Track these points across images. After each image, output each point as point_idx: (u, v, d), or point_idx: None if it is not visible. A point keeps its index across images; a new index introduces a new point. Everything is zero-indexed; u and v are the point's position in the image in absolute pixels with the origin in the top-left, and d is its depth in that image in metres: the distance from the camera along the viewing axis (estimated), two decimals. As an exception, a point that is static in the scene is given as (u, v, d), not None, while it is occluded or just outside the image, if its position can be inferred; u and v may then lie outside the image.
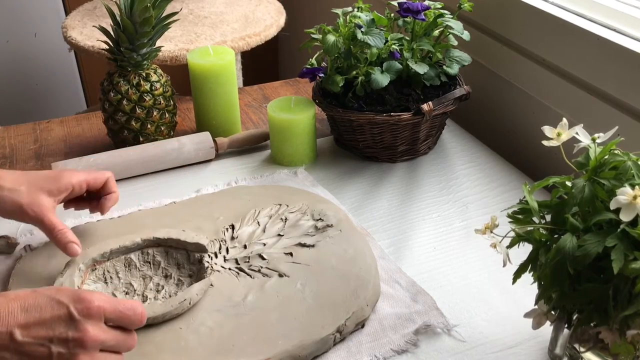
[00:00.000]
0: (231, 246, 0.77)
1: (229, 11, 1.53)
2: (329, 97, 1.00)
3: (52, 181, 0.73)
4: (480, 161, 1.00)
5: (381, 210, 0.90)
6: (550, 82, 0.96)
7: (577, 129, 0.60)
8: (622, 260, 0.52)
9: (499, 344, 0.69)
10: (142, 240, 0.75)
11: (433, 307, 0.72)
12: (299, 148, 0.98)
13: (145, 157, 0.96)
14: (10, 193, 0.71)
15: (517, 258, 0.60)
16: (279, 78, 1.35)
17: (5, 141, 1.08)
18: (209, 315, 0.68)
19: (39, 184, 0.72)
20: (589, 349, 0.61)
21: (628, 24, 0.88)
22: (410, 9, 0.95)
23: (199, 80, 1.03)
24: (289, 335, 0.66)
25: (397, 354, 0.67)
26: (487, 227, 0.61)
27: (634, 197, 0.52)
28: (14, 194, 0.71)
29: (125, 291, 0.72)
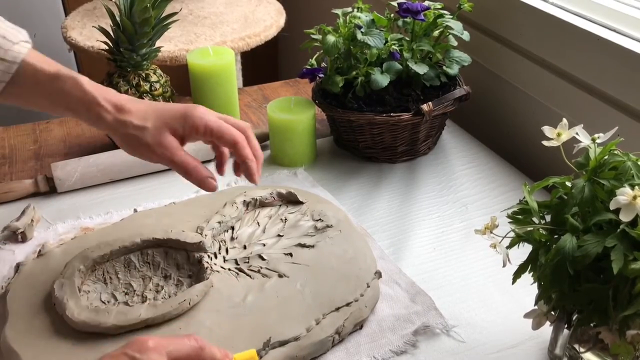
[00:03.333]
0: (231, 247, 0.77)
1: (229, 11, 1.53)
2: (329, 97, 1.00)
3: (179, 120, 0.68)
4: (480, 161, 1.00)
5: (381, 211, 0.90)
6: (550, 83, 0.96)
7: (577, 129, 0.60)
8: (621, 260, 0.52)
9: (499, 345, 0.69)
10: (142, 241, 0.75)
11: (432, 308, 0.72)
12: (299, 148, 0.98)
13: (145, 158, 0.96)
14: (136, 131, 0.67)
15: (516, 258, 0.60)
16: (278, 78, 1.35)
17: (5, 141, 1.08)
18: (209, 316, 0.68)
19: (166, 121, 0.68)
20: (589, 350, 0.61)
21: (628, 25, 0.88)
22: (409, 10, 0.95)
23: (198, 81, 1.03)
24: (288, 336, 0.66)
25: (396, 354, 0.67)
26: (487, 228, 0.61)
27: (634, 197, 0.52)
28: (140, 132, 0.67)
29: (125, 291, 0.72)
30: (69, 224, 0.86)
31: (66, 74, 0.68)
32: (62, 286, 0.68)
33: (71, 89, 0.67)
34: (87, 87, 0.67)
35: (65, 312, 0.66)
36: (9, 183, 0.92)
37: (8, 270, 0.78)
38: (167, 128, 0.68)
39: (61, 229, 0.85)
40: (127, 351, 0.50)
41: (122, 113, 0.68)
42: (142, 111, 0.68)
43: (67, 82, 0.67)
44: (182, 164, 0.68)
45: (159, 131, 0.67)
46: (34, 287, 0.71)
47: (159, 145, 0.67)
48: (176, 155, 0.68)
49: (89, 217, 0.88)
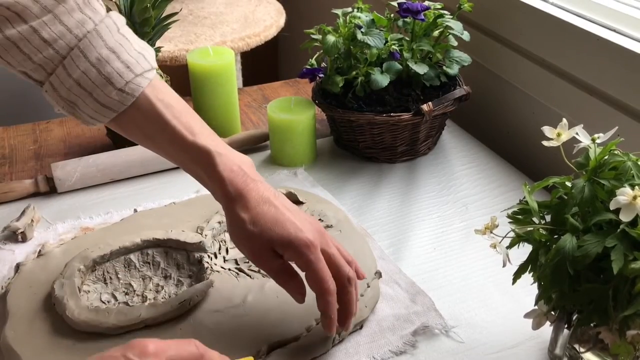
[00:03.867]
0: (231, 247, 0.77)
1: (229, 11, 1.53)
2: (329, 97, 1.00)
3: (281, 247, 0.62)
4: (480, 162, 1.00)
5: (381, 211, 0.90)
6: (550, 83, 0.96)
7: (577, 129, 0.60)
8: (621, 260, 0.52)
9: (499, 345, 0.69)
10: (142, 241, 0.75)
11: (431, 308, 0.72)
12: (299, 148, 0.98)
13: (145, 158, 0.96)
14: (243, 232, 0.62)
15: (517, 258, 0.60)
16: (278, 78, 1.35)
17: (5, 141, 1.08)
18: (209, 316, 0.68)
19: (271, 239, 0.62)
20: (589, 350, 0.61)
21: (628, 25, 0.88)
22: (410, 10, 0.95)
23: (198, 81, 1.03)
24: (288, 336, 0.66)
25: (396, 355, 0.67)
26: (487, 228, 0.61)
27: (634, 197, 0.52)
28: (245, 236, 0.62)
29: (125, 291, 0.72)
30: (69, 224, 0.86)
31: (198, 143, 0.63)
32: (62, 286, 0.68)
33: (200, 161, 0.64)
34: (219, 167, 0.63)
35: (65, 312, 0.66)
36: (9, 183, 0.92)
37: (8, 270, 0.78)
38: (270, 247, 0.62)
39: (61, 229, 0.85)
40: (127, 354, 0.48)
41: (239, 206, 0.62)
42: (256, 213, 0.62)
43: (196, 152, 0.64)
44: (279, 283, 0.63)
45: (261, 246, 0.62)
46: (34, 287, 0.71)
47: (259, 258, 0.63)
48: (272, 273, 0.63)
49: (89, 217, 0.88)
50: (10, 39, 0.61)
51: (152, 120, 0.64)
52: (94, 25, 0.63)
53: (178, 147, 0.64)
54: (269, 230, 0.61)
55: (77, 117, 0.66)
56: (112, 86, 0.63)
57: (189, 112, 0.66)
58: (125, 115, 0.65)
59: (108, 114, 0.64)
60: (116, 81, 0.63)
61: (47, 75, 0.64)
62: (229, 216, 0.63)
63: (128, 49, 0.64)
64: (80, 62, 0.62)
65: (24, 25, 0.61)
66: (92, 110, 0.64)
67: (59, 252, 0.76)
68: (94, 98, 0.63)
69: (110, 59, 0.63)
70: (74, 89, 0.63)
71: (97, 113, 0.64)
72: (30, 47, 0.61)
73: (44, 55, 0.62)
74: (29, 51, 0.62)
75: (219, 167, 0.63)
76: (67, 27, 0.62)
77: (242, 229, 0.62)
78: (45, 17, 0.61)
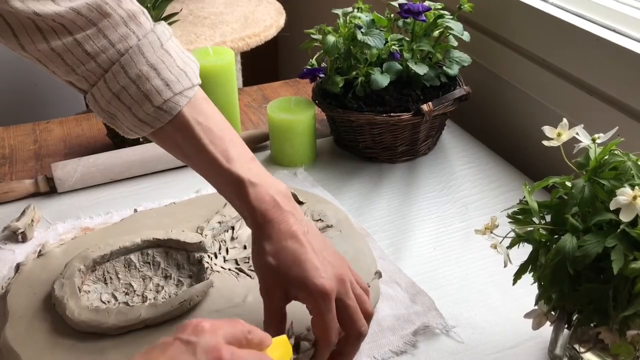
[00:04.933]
0: (231, 247, 0.77)
1: (229, 12, 1.53)
2: (329, 97, 1.00)
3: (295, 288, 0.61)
4: (480, 162, 1.00)
5: (381, 211, 0.90)
6: (550, 83, 0.96)
7: (577, 129, 0.60)
8: (622, 260, 0.52)
9: (499, 345, 0.69)
10: (142, 241, 0.75)
11: (432, 308, 0.72)
12: (299, 148, 0.98)
13: (145, 158, 0.96)
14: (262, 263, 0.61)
15: (517, 259, 0.60)
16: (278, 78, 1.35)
17: (5, 141, 1.08)
18: (209, 316, 0.68)
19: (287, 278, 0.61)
20: (589, 350, 0.61)
21: (628, 25, 0.88)
22: (410, 10, 0.95)
23: (198, 81, 1.03)
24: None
25: (396, 354, 0.67)
26: (487, 228, 0.61)
27: (634, 197, 0.52)
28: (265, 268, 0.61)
29: (125, 292, 0.72)
30: (69, 224, 0.86)
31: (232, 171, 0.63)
32: (62, 286, 0.68)
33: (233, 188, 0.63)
34: (251, 197, 0.62)
35: (65, 312, 0.66)
36: (9, 183, 0.92)
37: (8, 270, 0.78)
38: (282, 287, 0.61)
39: (61, 229, 0.85)
40: (181, 336, 0.47)
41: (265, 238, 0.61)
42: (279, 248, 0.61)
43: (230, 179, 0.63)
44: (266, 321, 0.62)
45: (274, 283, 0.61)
46: (34, 287, 0.71)
47: (267, 292, 0.62)
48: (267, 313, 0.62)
49: (89, 217, 0.88)
50: (55, 50, 0.61)
51: (189, 141, 0.64)
52: (137, 41, 0.63)
53: (213, 171, 0.65)
54: (287, 269, 0.60)
55: (117, 127, 0.67)
56: (150, 103, 0.63)
57: (227, 135, 0.66)
58: (164, 132, 0.65)
59: (145, 129, 0.65)
60: (154, 99, 0.63)
61: (90, 86, 0.65)
62: (253, 243, 0.63)
63: (170, 66, 0.64)
64: (120, 77, 0.62)
65: (69, 37, 0.61)
66: (130, 124, 0.65)
67: (59, 252, 0.76)
68: (132, 113, 0.64)
69: (150, 76, 0.63)
70: (114, 102, 0.64)
71: (135, 127, 0.65)
72: (74, 59, 0.62)
73: (87, 68, 0.63)
74: (72, 63, 0.62)
75: (251, 196, 0.62)
76: (111, 42, 0.62)
77: (263, 259, 0.61)
78: (90, 31, 0.61)
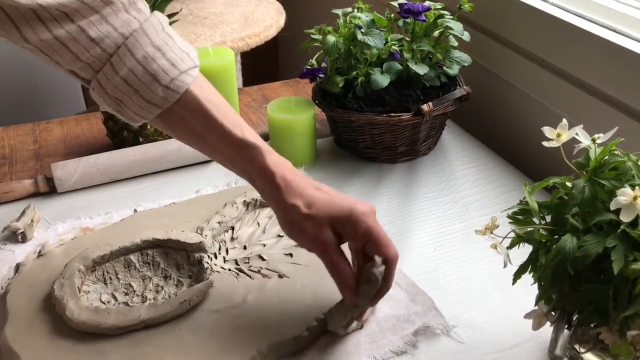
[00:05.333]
0: (231, 247, 0.77)
1: (229, 11, 1.53)
2: (329, 97, 1.00)
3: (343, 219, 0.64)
4: (480, 162, 1.00)
5: (381, 211, 0.89)
6: (550, 83, 0.96)
7: (577, 129, 0.60)
8: (622, 261, 0.52)
9: (499, 345, 0.69)
10: (142, 241, 0.75)
11: (432, 308, 0.72)
12: (299, 149, 0.98)
13: (145, 158, 0.96)
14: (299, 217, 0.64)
15: (517, 259, 0.60)
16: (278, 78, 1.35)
17: (5, 142, 1.08)
18: (209, 316, 0.68)
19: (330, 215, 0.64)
20: (589, 350, 0.61)
21: (628, 25, 0.88)
22: (410, 10, 0.95)
23: (198, 81, 1.03)
24: (288, 336, 0.66)
25: (396, 355, 0.67)
26: (487, 228, 0.61)
27: (634, 197, 0.52)
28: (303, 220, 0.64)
29: (125, 292, 0.72)
30: (69, 224, 0.86)
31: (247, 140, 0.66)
32: (62, 286, 0.68)
33: (249, 157, 0.65)
34: (268, 161, 0.65)
35: (65, 312, 0.66)
36: (9, 183, 0.92)
37: (8, 270, 0.78)
38: (329, 223, 0.63)
39: (61, 229, 0.85)
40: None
41: (291, 195, 0.64)
42: (310, 197, 0.64)
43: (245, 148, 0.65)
44: (331, 263, 0.64)
45: (321, 224, 0.63)
46: (34, 287, 0.71)
47: (316, 237, 0.64)
48: (329, 253, 0.64)
49: (89, 217, 0.88)
50: (59, 39, 0.61)
51: (200, 117, 0.66)
52: (139, 24, 0.64)
53: (227, 144, 0.66)
54: (326, 208, 0.63)
55: (122, 114, 0.67)
56: (157, 83, 0.64)
57: (232, 110, 0.68)
58: (171, 113, 0.66)
59: (153, 111, 0.65)
60: (162, 78, 0.64)
61: (94, 73, 0.65)
62: (281, 206, 0.65)
63: (173, 47, 0.65)
64: (127, 59, 0.63)
65: (72, 25, 0.61)
66: (137, 107, 0.65)
67: (59, 252, 0.76)
68: (140, 95, 0.64)
69: (156, 56, 0.64)
70: (121, 87, 0.64)
71: (143, 110, 0.65)
72: (79, 46, 0.62)
73: (92, 54, 0.63)
74: (77, 50, 0.62)
75: (269, 161, 0.65)
76: (114, 27, 0.63)
77: (297, 213, 0.63)
78: (93, 17, 0.62)
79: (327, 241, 0.63)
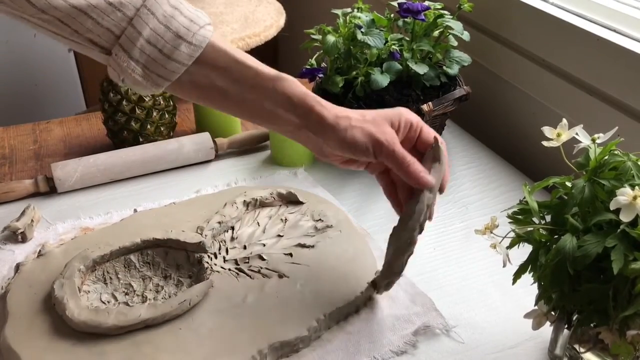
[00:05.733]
0: (231, 247, 0.77)
1: (229, 12, 1.53)
2: (329, 97, 0.99)
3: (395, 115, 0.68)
4: (480, 162, 1.00)
5: (381, 211, 0.90)
6: (550, 83, 0.96)
7: (577, 129, 0.60)
8: (622, 260, 0.52)
9: (499, 345, 0.69)
10: (142, 241, 0.75)
11: (432, 309, 0.72)
12: (299, 148, 0.98)
13: (145, 158, 0.96)
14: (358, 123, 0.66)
15: (517, 259, 0.60)
16: (278, 78, 1.35)
17: (5, 142, 1.08)
18: (209, 316, 0.68)
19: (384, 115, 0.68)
20: (589, 350, 0.61)
21: (628, 25, 0.88)
22: (410, 10, 0.95)
23: (198, 81, 1.03)
24: (288, 336, 0.66)
25: (396, 355, 0.67)
26: (487, 228, 0.61)
27: (634, 197, 0.52)
28: (363, 124, 0.66)
29: (125, 292, 0.72)
30: (69, 224, 0.86)
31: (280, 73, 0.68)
32: (62, 286, 0.68)
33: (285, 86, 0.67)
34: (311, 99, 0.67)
35: (65, 312, 0.66)
36: (9, 183, 0.92)
37: (8, 270, 0.78)
38: (387, 120, 0.67)
39: (61, 229, 0.85)
40: None
41: (341, 110, 0.67)
42: (357, 111, 0.68)
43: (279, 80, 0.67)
44: (400, 154, 0.66)
45: (381, 123, 0.67)
46: (34, 287, 0.71)
47: (382, 133, 0.66)
48: (396, 145, 0.66)
49: (89, 217, 0.88)
50: (78, 7, 0.61)
51: (229, 66, 0.67)
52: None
53: (262, 88, 0.67)
54: (380, 112, 0.67)
55: (147, 79, 0.66)
56: (180, 39, 0.65)
57: None
58: (194, 72, 0.66)
59: (178, 69, 0.66)
60: (184, 35, 0.65)
61: (115, 38, 0.64)
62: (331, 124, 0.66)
63: (187, 6, 0.67)
64: (149, 19, 0.64)
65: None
66: (162, 68, 0.65)
67: (59, 252, 0.76)
68: (165, 54, 0.65)
69: (174, 14, 0.65)
70: (146, 48, 0.64)
71: (167, 70, 0.65)
72: (98, 11, 0.62)
73: (112, 18, 0.63)
74: (96, 15, 0.62)
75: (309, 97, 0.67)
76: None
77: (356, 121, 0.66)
78: None
79: (393, 135, 0.66)
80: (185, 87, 0.68)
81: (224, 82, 0.67)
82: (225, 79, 0.67)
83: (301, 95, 0.67)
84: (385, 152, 0.65)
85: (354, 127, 0.66)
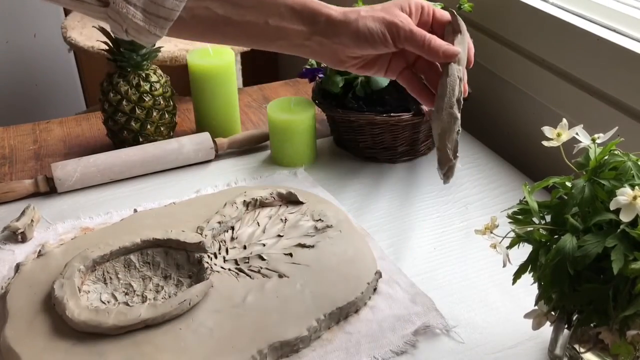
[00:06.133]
0: (231, 247, 0.77)
1: (229, 12, 1.53)
2: (329, 97, 1.00)
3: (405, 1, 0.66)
4: (480, 162, 1.00)
5: (381, 211, 0.90)
6: (550, 83, 0.96)
7: (577, 129, 0.60)
8: (622, 260, 0.52)
9: (499, 345, 0.69)
10: (142, 241, 0.75)
11: (432, 309, 0.72)
12: (299, 148, 0.98)
13: (145, 158, 0.96)
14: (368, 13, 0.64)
15: (517, 259, 0.60)
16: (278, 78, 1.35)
17: (5, 142, 1.08)
18: (209, 316, 0.68)
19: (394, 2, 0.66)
20: (589, 350, 0.61)
21: (628, 25, 0.88)
22: (410, 10, 0.95)
23: (198, 81, 1.03)
24: (288, 336, 0.66)
25: (396, 354, 0.67)
26: (487, 228, 0.61)
27: (634, 197, 0.52)
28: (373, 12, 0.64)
29: (125, 292, 0.72)
30: (69, 224, 0.86)
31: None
32: (62, 286, 0.68)
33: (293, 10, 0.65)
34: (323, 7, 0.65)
35: (65, 312, 0.66)
36: (9, 183, 0.92)
37: (8, 270, 0.78)
38: (396, 6, 0.66)
39: (61, 229, 0.85)
40: None
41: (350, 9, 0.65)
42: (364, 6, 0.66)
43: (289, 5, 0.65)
44: (418, 32, 0.64)
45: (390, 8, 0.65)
46: (34, 287, 0.71)
47: (395, 15, 0.65)
48: (413, 25, 0.64)
49: (89, 217, 0.88)
50: None
51: None
52: None
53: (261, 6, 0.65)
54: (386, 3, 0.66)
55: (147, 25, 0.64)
56: None
57: None
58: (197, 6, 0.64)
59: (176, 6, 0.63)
60: None
61: None
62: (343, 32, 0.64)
63: None
64: None
65: None
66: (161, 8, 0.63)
67: (59, 252, 0.76)
68: None
69: None
70: None
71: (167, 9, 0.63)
72: None
73: None
74: None
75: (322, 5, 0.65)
76: None
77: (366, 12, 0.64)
78: None
79: (406, 17, 0.65)
80: (189, 25, 0.66)
81: (225, 9, 0.65)
82: (225, 6, 0.65)
83: (302, 1, 0.65)
84: (403, 34, 0.64)
85: (365, 17, 0.64)
